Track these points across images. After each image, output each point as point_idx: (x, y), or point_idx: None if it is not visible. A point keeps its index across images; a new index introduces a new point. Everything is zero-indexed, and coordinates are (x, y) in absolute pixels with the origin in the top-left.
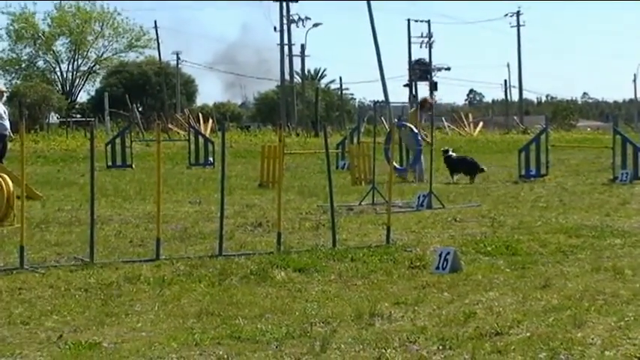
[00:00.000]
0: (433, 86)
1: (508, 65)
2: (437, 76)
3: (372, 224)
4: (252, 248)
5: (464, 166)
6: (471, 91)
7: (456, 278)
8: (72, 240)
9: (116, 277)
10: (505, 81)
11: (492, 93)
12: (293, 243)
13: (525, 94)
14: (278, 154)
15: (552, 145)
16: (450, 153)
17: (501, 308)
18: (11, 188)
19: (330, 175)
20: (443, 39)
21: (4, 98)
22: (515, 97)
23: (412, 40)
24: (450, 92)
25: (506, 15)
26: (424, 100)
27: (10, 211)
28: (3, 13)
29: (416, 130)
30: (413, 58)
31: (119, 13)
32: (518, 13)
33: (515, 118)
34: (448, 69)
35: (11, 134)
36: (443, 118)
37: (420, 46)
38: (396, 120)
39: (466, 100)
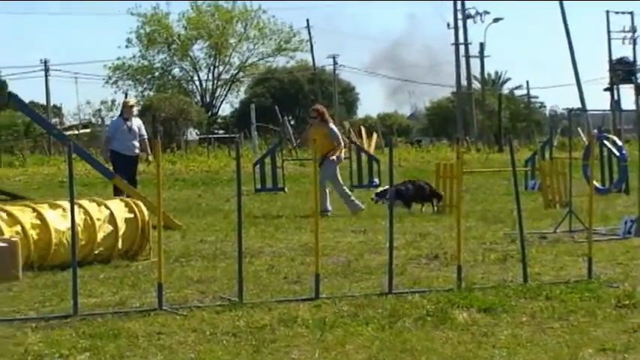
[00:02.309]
0: (638, 90)
1: None
2: None
3: (569, 255)
4: (428, 285)
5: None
6: None
7: None
8: (217, 276)
9: (269, 319)
10: None
11: None
12: (476, 278)
13: None
14: (455, 173)
15: None
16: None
17: None
18: (146, 217)
19: (518, 198)
20: None
21: (135, 112)
22: None
23: (612, 35)
24: None
25: None
26: (317, 110)
27: (146, 243)
28: (132, 14)
29: (620, 143)
30: (614, 57)
31: (264, 12)
32: None
33: None
34: None
35: (149, 155)
36: None
37: (623, 42)
38: (595, 131)
39: None
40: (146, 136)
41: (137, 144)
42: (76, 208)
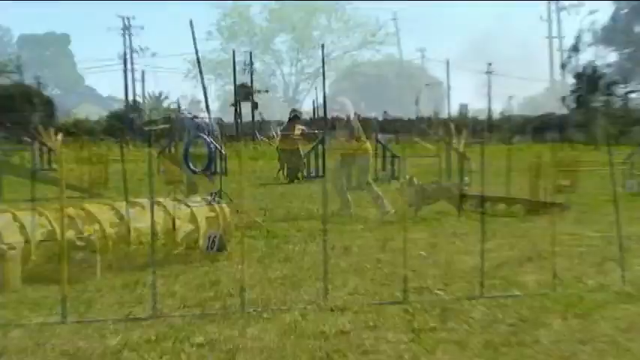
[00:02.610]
0: None
1: None
2: None
3: None
4: (521, 288)
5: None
6: None
7: None
8: (301, 277)
9: (356, 322)
10: None
11: None
12: (572, 282)
13: None
14: (550, 172)
15: None
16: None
17: None
18: (228, 216)
19: (616, 198)
20: None
21: (201, 105)
22: None
23: None
24: None
25: None
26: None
27: (228, 243)
28: (215, 7)
29: None
30: None
31: (349, 4)
32: None
33: None
34: None
35: (220, 150)
36: None
37: None
38: None
39: None
40: (217, 132)
41: (209, 139)
42: (155, 206)
